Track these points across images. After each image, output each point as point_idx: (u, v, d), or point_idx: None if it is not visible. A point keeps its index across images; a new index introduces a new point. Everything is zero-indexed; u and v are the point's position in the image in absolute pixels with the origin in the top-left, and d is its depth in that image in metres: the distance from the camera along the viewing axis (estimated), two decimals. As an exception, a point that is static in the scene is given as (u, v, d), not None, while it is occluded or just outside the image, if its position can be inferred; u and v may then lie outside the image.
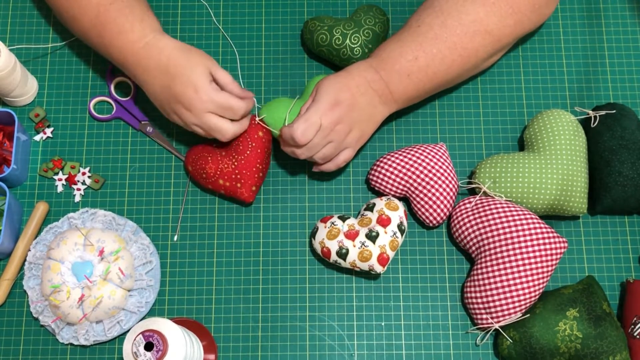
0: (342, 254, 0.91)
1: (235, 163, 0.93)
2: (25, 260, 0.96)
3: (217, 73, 0.90)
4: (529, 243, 0.89)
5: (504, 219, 0.91)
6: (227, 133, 0.90)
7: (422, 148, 0.96)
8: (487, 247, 0.91)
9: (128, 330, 0.93)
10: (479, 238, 0.92)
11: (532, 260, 0.89)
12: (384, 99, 0.91)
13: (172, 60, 0.90)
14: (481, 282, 0.91)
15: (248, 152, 0.93)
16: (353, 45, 0.99)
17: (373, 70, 0.91)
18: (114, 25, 0.92)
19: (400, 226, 0.92)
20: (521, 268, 0.89)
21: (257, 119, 0.94)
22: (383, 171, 0.95)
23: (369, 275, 0.96)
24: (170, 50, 0.90)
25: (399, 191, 0.95)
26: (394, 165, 0.94)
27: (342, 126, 0.88)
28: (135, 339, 0.77)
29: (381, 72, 0.91)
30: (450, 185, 0.94)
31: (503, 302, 0.89)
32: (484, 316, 0.91)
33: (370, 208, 0.94)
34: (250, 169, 0.93)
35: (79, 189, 0.99)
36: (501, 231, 0.90)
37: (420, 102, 1.03)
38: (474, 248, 0.93)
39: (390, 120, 1.02)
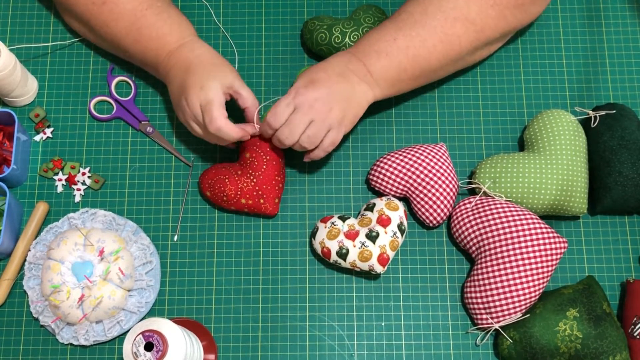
0: (342, 254, 0.91)
1: (254, 180, 0.93)
2: (25, 260, 0.96)
3: (241, 90, 0.91)
4: (529, 243, 0.89)
5: (504, 219, 0.91)
6: (227, 141, 0.91)
7: (422, 148, 0.96)
8: (487, 247, 0.91)
9: (128, 331, 0.93)
10: (479, 238, 0.92)
11: (532, 260, 0.89)
12: (363, 77, 0.91)
13: (197, 59, 0.91)
14: (481, 282, 0.91)
15: (264, 166, 0.93)
16: (352, 44, 0.98)
17: (350, 54, 0.91)
18: (152, 29, 0.93)
19: (400, 226, 0.92)
20: (521, 268, 0.89)
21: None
22: (383, 171, 0.95)
23: (369, 275, 0.96)
24: (203, 51, 0.92)
25: (399, 191, 0.95)
26: (394, 165, 0.94)
27: (320, 104, 0.87)
28: (135, 339, 0.77)
29: (358, 54, 0.91)
30: (450, 185, 0.94)
31: (503, 302, 0.89)
32: (484, 316, 0.91)
33: (370, 208, 0.94)
34: (270, 183, 0.93)
35: (79, 189, 0.99)
36: (501, 231, 0.90)
37: (420, 102, 1.03)
38: (474, 248, 0.93)
39: (390, 120, 1.03)
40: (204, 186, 0.95)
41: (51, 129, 1.01)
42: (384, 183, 0.95)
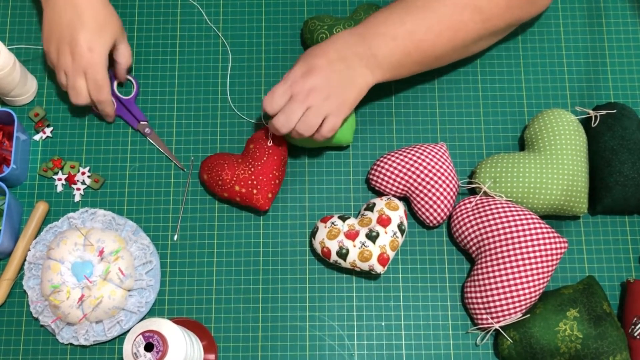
0: (342, 254, 0.91)
1: (252, 169, 0.93)
2: (25, 260, 0.96)
3: (121, 46, 0.96)
4: (529, 243, 0.89)
5: (504, 219, 0.91)
6: (79, 98, 0.95)
7: (422, 148, 0.96)
8: (487, 247, 0.91)
9: (128, 331, 0.93)
10: (479, 238, 0.92)
11: (532, 260, 0.89)
12: (365, 61, 0.89)
13: (90, 6, 0.93)
14: (481, 282, 0.91)
15: (265, 158, 0.93)
16: (353, 45, 0.98)
17: (356, 34, 0.90)
18: None
19: (400, 226, 0.92)
20: (521, 268, 0.89)
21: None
22: (383, 171, 0.95)
23: (369, 275, 0.96)
24: None
25: (399, 191, 0.95)
26: (394, 165, 0.94)
27: (316, 93, 0.87)
28: (135, 340, 0.77)
29: (364, 35, 0.90)
30: (451, 185, 0.94)
31: (503, 302, 0.89)
32: (484, 316, 0.91)
33: (370, 208, 0.94)
34: (266, 175, 0.93)
35: (78, 189, 0.99)
36: (501, 231, 0.90)
37: (421, 102, 1.03)
38: (474, 248, 0.93)
39: (391, 120, 1.02)
40: (203, 169, 0.96)
41: (51, 128, 1.01)
42: (384, 183, 0.95)
